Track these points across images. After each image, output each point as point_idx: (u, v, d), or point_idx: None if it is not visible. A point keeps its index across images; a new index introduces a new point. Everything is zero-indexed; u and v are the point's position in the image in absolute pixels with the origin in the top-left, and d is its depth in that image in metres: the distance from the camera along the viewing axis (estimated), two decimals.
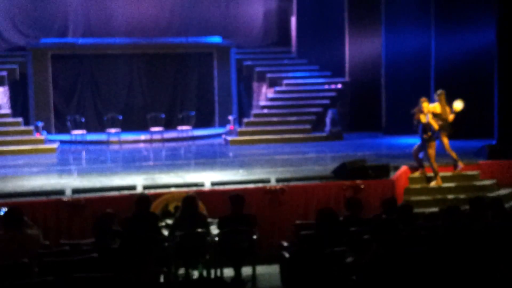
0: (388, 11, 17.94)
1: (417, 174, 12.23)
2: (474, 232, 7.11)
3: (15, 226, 7.03)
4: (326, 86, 19.33)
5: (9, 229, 7.04)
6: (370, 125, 18.13)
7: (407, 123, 15.00)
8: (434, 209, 10.39)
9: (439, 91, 12.42)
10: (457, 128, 12.49)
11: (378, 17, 18.13)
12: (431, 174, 12.05)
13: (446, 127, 12.14)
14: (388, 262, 6.27)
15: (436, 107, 12.16)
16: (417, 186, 12.15)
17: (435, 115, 12.01)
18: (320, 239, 7.50)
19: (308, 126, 18.14)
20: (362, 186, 11.02)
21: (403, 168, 12.19)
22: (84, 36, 19.60)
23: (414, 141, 16.36)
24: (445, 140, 12.21)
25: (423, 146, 12.04)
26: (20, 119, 17.39)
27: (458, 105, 12.11)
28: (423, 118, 11.85)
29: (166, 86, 19.44)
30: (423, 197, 11.79)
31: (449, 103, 12.12)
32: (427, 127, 11.83)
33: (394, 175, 11.68)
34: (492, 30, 14.67)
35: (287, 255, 8.12)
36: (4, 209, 7.70)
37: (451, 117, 12.14)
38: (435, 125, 11.88)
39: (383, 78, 18.13)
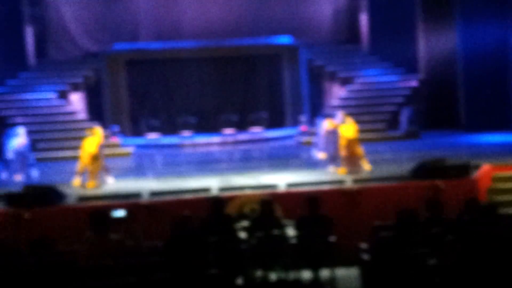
0: (463, 5, 17.43)
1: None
2: None
3: (100, 230, 7.13)
4: (400, 84, 18.90)
5: (95, 232, 7.15)
6: (448, 123, 17.63)
7: (488, 119, 14.41)
8: None
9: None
10: None
11: (452, 11, 17.66)
12: None
13: None
14: (474, 264, 6.04)
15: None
16: (502, 185, 11.64)
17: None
18: (400, 241, 7.29)
19: (382, 125, 17.79)
20: (442, 186, 10.68)
21: (486, 167, 11.72)
22: (155, 40, 19.89)
23: (496, 138, 15.83)
24: None
25: None
26: (96, 124, 17.78)
27: None
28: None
29: (237, 88, 19.47)
30: (509, 197, 11.27)
31: None
32: None
33: (475, 174, 11.26)
34: None
35: (366, 257, 7.95)
36: (119, 211, 7.82)
37: None
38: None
39: (460, 74, 17.62)
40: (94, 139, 12.57)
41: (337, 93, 19.28)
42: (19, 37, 18.89)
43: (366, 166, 12.57)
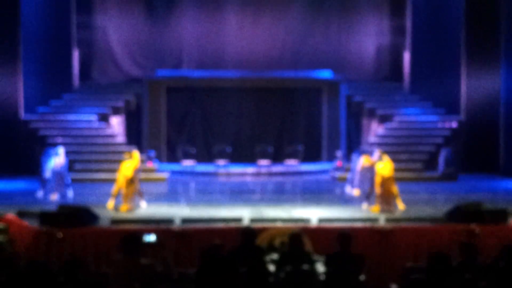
0: (508, 47, 17.22)
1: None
2: None
3: (131, 253, 7.16)
4: (439, 125, 18.70)
5: (126, 255, 7.18)
6: (487, 167, 17.32)
7: None
8: None
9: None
10: None
11: (497, 53, 17.45)
12: None
13: None
14: None
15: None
16: None
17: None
18: (432, 285, 7.13)
19: (419, 165, 17.59)
20: (477, 231, 10.45)
21: None
22: (197, 68, 20.15)
23: None
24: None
25: None
26: (134, 148, 17.99)
27: None
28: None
29: (275, 119, 19.53)
30: None
31: None
32: None
33: None
34: None
35: None
36: (150, 236, 7.86)
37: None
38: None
39: (502, 117, 17.35)
40: (131, 163, 12.72)
41: (375, 130, 19.18)
42: (66, 60, 19.38)
43: (400, 205, 12.42)
